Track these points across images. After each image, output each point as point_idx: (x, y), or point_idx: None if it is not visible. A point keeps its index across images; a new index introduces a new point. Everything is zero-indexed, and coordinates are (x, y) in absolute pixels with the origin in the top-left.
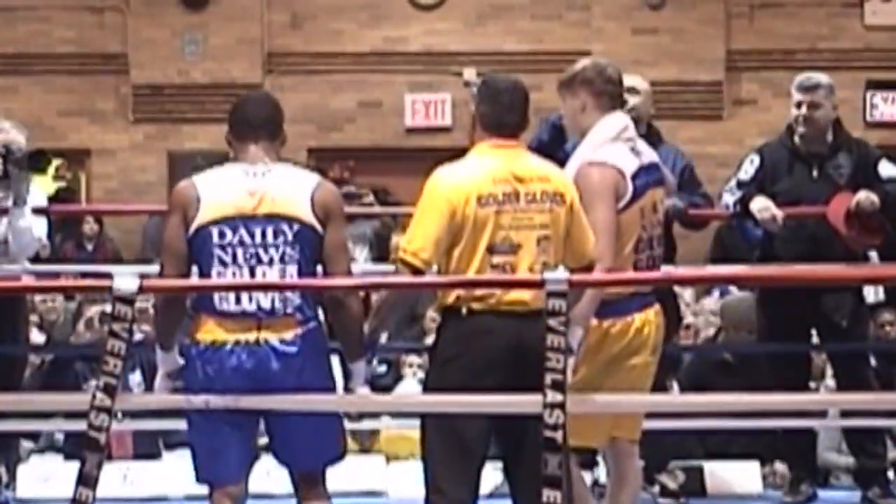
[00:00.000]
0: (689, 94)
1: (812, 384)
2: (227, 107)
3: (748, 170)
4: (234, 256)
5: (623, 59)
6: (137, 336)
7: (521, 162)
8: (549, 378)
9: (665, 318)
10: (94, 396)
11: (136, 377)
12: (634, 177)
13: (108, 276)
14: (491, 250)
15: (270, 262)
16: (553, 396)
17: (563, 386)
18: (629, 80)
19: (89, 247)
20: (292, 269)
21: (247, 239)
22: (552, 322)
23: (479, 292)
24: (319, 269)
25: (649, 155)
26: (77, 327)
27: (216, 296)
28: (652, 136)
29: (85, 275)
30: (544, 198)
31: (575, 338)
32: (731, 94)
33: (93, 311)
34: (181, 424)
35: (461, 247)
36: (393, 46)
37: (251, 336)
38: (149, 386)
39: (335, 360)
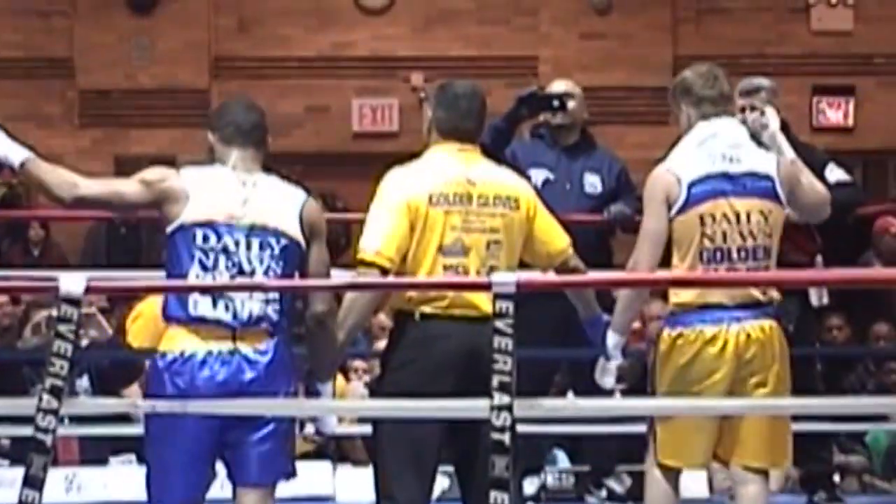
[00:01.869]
0: (637, 100)
1: None
2: (174, 112)
3: None
4: (216, 262)
5: (570, 65)
6: (84, 341)
7: (476, 165)
8: (496, 380)
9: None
10: (40, 398)
11: (83, 382)
12: (695, 183)
13: (55, 279)
14: (442, 251)
15: (252, 273)
16: (500, 399)
17: (510, 388)
18: (563, 86)
19: (35, 252)
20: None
21: (231, 246)
22: (499, 324)
23: (431, 294)
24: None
25: (748, 164)
26: (24, 332)
27: (191, 300)
28: (586, 142)
29: (31, 279)
30: (497, 202)
31: (611, 343)
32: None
33: (40, 315)
34: (128, 430)
35: (413, 247)
36: (340, 51)
37: (224, 346)
38: (96, 391)
39: None
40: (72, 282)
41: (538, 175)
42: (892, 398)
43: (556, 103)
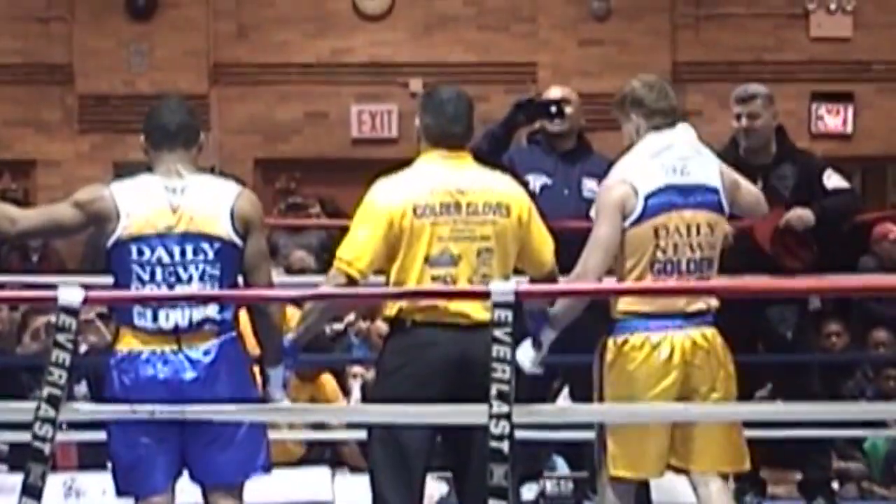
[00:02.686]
0: None
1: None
2: None
3: None
4: (153, 274)
5: (569, 71)
6: (83, 347)
7: (466, 173)
8: (494, 388)
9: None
10: (38, 407)
11: (82, 388)
12: (652, 195)
13: (53, 287)
14: (429, 262)
15: (189, 279)
16: (499, 407)
17: (508, 396)
18: (559, 92)
19: (34, 258)
20: (213, 288)
21: (165, 258)
22: (498, 333)
23: (422, 304)
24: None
25: (697, 176)
26: (23, 338)
27: (134, 311)
28: (582, 147)
29: (30, 286)
30: (487, 209)
31: (546, 339)
32: (678, 105)
33: (39, 321)
34: None
35: (400, 259)
36: (339, 57)
37: (168, 347)
38: (94, 396)
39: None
40: (70, 293)
41: (536, 181)
42: (891, 404)
43: (553, 109)
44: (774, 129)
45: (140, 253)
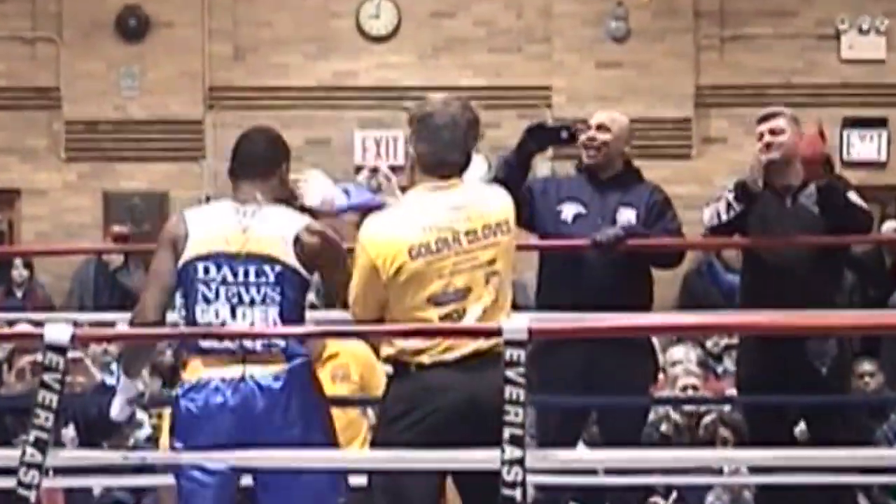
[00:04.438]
0: (657, 132)
1: None
2: (166, 144)
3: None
4: (217, 294)
5: (586, 95)
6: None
7: (459, 200)
8: (507, 433)
9: (637, 367)
10: (23, 452)
11: (69, 432)
12: None
13: (39, 324)
14: (435, 301)
15: (252, 302)
16: (512, 452)
17: (522, 441)
18: (599, 117)
19: (19, 294)
20: (273, 311)
21: (230, 277)
22: (510, 373)
23: (427, 344)
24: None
25: None
26: (7, 378)
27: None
28: (630, 175)
29: (13, 323)
30: (487, 232)
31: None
32: (700, 131)
33: (23, 361)
34: (115, 482)
35: (400, 299)
36: (342, 81)
37: (236, 372)
38: (83, 441)
39: None
40: (57, 330)
41: (569, 209)
42: None
43: (564, 135)
44: None
45: (206, 271)
